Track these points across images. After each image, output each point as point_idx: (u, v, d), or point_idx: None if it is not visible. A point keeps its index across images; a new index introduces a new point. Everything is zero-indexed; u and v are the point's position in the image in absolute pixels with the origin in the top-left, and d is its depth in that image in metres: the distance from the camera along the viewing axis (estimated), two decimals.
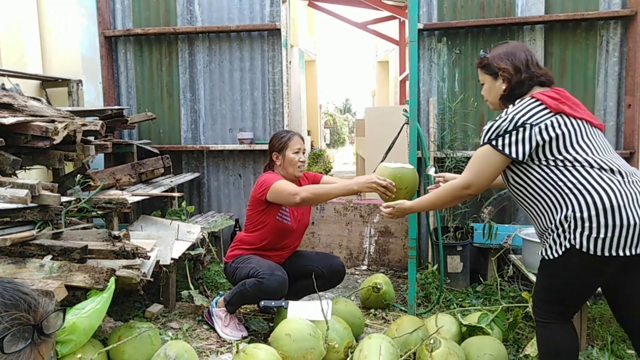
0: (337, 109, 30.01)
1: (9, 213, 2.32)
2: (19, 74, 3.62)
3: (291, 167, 2.90)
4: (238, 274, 2.82)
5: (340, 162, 16.33)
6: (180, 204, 3.87)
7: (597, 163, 1.76)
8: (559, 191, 1.78)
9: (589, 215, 1.71)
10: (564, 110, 1.81)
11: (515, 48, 1.98)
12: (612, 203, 1.69)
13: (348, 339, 2.50)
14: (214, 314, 2.90)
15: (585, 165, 1.76)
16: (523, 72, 1.92)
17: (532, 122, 1.80)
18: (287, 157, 2.89)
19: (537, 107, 1.83)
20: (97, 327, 2.19)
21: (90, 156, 3.03)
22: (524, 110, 1.84)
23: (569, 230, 1.75)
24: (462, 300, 3.35)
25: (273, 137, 3.00)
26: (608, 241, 1.69)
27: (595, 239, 1.70)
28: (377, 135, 5.51)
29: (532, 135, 1.79)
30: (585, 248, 1.72)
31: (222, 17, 4.31)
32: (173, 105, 4.48)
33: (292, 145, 2.90)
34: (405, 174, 2.45)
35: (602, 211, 1.69)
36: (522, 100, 1.89)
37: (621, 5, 3.72)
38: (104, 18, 4.37)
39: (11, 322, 0.92)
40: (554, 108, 1.81)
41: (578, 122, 1.82)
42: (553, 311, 1.89)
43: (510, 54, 1.95)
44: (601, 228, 1.69)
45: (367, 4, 8.83)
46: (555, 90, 1.90)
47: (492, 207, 3.80)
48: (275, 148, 2.93)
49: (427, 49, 4.02)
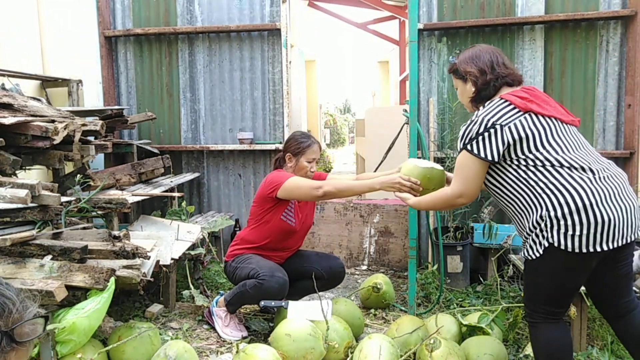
0: (337, 109, 30.00)
1: (9, 213, 2.32)
2: (19, 74, 3.61)
3: (300, 173, 2.88)
4: (238, 274, 2.81)
5: (340, 162, 16.33)
6: (180, 204, 3.87)
7: (567, 162, 1.78)
8: (532, 191, 1.81)
9: (562, 213, 1.73)
10: (532, 109, 1.82)
11: (481, 51, 2.02)
12: (584, 202, 1.72)
13: (348, 339, 2.50)
14: (214, 313, 2.90)
15: (555, 164, 1.78)
16: (488, 73, 1.95)
17: (502, 122, 1.82)
18: (299, 164, 2.87)
19: (505, 107, 1.85)
20: (97, 327, 2.19)
21: (90, 156, 3.03)
22: (492, 112, 1.86)
23: (546, 229, 1.77)
24: (462, 300, 3.35)
25: (292, 139, 2.93)
26: (584, 238, 1.72)
27: (572, 236, 1.73)
28: (377, 135, 5.51)
29: (503, 136, 1.81)
30: (563, 245, 1.74)
31: (222, 17, 4.31)
32: (173, 105, 4.48)
33: (309, 154, 2.87)
34: (435, 175, 2.32)
35: (574, 210, 1.72)
36: (492, 101, 1.92)
37: (621, 5, 3.72)
38: (104, 18, 4.37)
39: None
40: (522, 107, 1.83)
41: (547, 120, 1.83)
42: (542, 311, 1.91)
43: (475, 57, 2.00)
44: (576, 226, 1.72)
45: (367, 4, 8.83)
46: (524, 89, 1.92)
47: (492, 207, 3.80)
48: (292, 150, 2.89)
49: (427, 49, 4.02)
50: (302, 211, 2.99)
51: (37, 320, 0.96)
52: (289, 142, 2.94)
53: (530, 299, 1.94)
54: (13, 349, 0.92)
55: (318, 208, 4.47)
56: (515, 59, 3.89)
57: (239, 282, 2.81)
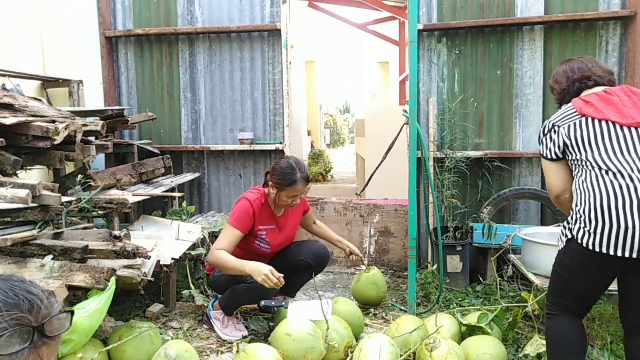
0: (337, 109, 30.01)
1: (9, 213, 2.33)
2: (20, 74, 3.62)
3: (281, 204, 2.82)
4: (223, 281, 2.82)
5: (340, 162, 16.33)
6: (180, 204, 3.88)
7: (605, 164, 1.84)
8: (575, 187, 1.95)
9: (583, 210, 1.84)
10: (587, 113, 1.93)
11: (560, 66, 2.20)
12: (603, 204, 1.78)
13: (348, 339, 2.50)
14: (211, 316, 2.91)
15: (595, 166, 1.86)
16: (563, 82, 2.14)
17: (559, 123, 1.99)
18: (280, 197, 2.77)
19: (568, 110, 2.00)
20: (98, 326, 2.20)
21: (90, 156, 3.04)
22: (556, 115, 2.04)
23: (572, 223, 1.91)
24: (462, 300, 3.36)
25: (279, 170, 2.75)
26: (598, 238, 1.80)
27: (588, 233, 1.82)
28: (377, 136, 5.52)
29: (559, 136, 1.98)
30: (580, 240, 1.85)
31: (222, 17, 4.32)
32: (173, 106, 4.49)
33: (291, 192, 2.73)
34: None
35: (593, 210, 1.81)
36: (565, 105, 2.07)
37: (620, 6, 3.72)
38: (104, 18, 4.38)
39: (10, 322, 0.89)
40: (579, 111, 1.96)
41: (600, 124, 1.90)
42: (559, 304, 2.00)
43: (555, 73, 2.21)
44: (592, 223, 1.81)
45: (367, 4, 8.84)
46: (603, 92, 1.97)
47: (491, 207, 3.81)
48: (275, 182, 2.75)
49: (427, 50, 4.02)
50: (281, 236, 2.96)
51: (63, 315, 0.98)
52: (273, 171, 2.79)
53: (551, 291, 2.06)
54: (44, 344, 0.94)
55: (318, 208, 4.48)
56: (515, 59, 3.90)
57: (226, 288, 2.83)
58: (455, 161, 3.81)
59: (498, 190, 3.92)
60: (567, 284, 1.96)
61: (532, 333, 2.74)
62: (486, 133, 4.00)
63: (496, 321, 2.66)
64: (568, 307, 1.99)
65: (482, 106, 3.98)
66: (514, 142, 3.96)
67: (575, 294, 1.98)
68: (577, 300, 1.99)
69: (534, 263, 2.77)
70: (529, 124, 3.92)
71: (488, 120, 3.99)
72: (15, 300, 0.91)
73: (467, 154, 3.90)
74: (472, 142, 4.00)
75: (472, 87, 3.98)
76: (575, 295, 1.98)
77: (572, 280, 1.94)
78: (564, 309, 1.99)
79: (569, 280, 1.95)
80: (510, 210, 4.02)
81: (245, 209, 2.76)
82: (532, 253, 2.78)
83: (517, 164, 3.98)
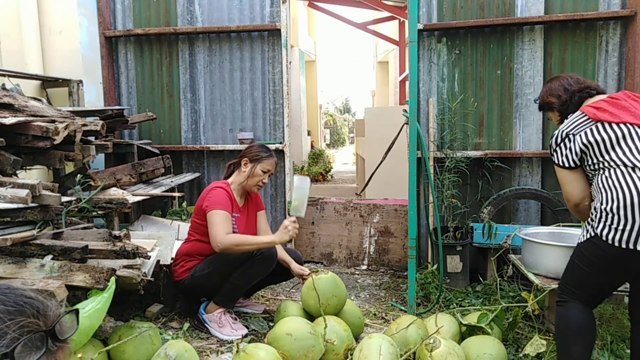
0: (337, 109, 30.00)
1: (9, 213, 2.33)
2: (20, 74, 3.62)
3: (253, 180, 2.92)
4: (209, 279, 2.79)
5: (340, 162, 16.33)
6: (180, 204, 3.88)
7: (631, 162, 1.90)
8: (597, 189, 1.99)
9: (610, 207, 1.88)
10: (602, 118, 1.98)
11: (552, 81, 2.30)
12: (633, 200, 1.83)
13: (348, 342, 2.49)
14: (205, 320, 2.89)
15: (619, 164, 1.91)
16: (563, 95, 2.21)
17: (574, 132, 2.04)
18: (255, 170, 2.90)
19: (580, 118, 2.06)
20: (98, 326, 2.19)
21: (90, 156, 3.03)
22: (568, 124, 2.10)
23: (596, 220, 1.95)
24: (462, 300, 3.35)
25: (253, 146, 2.98)
26: (620, 233, 1.85)
27: (615, 229, 1.87)
28: (377, 135, 5.52)
29: (576, 144, 2.02)
30: (604, 237, 1.90)
31: (222, 17, 4.31)
32: (173, 106, 4.49)
33: (266, 164, 2.92)
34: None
35: (621, 206, 1.85)
36: (571, 115, 2.13)
37: (621, 6, 3.72)
38: (104, 18, 4.37)
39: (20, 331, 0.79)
40: (593, 117, 2.01)
41: (619, 127, 1.96)
42: (571, 292, 2.06)
43: (549, 88, 2.29)
44: (621, 220, 1.85)
45: (367, 4, 8.84)
46: (608, 98, 2.06)
47: (491, 207, 3.80)
48: (250, 156, 2.93)
49: (427, 49, 4.02)
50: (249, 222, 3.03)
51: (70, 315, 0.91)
52: (249, 149, 2.98)
53: (565, 276, 2.12)
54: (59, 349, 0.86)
55: (318, 208, 4.47)
56: (515, 59, 3.90)
57: (213, 285, 2.81)
58: (455, 161, 3.81)
59: (498, 190, 3.92)
60: (586, 277, 2.02)
61: (532, 333, 2.74)
62: (486, 133, 4.00)
63: (496, 321, 2.65)
64: (580, 296, 2.04)
65: (482, 106, 3.98)
66: (514, 142, 3.96)
67: (592, 287, 2.03)
68: (592, 292, 2.04)
69: (534, 263, 2.77)
70: (529, 124, 3.92)
71: (488, 120, 3.99)
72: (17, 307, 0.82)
73: (467, 154, 3.90)
74: (472, 142, 4.00)
75: (472, 87, 3.98)
76: (592, 287, 2.03)
77: (591, 274, 2.00)
78: (575, 296, 2.05)
79: (588, 274, 2.01)
80: (510, 210, 4.02)
81: (222, 194, 2.84)
82: (533, 253, 2.78)
83: (517, 164, 3.98)
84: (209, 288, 2.86)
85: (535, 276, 2.72)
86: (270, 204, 4.40)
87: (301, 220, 4.49)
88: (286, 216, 4.35)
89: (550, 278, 2.68)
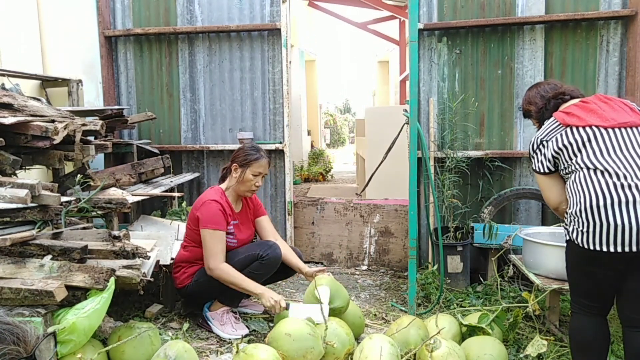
0: (337, 109, 29.99)
1: (9, 213, 2.32)
2: (19, 74, 3.61)
3: (244, 186, 2.87)
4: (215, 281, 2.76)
5: (340, 162, 16.32)
6: (180, 204, 3.87)
7: (594, 164, 1.93)
8: (568, 192, 2.03)
9: (577, 211, 1.93)
10: (570, 123, 2.03)
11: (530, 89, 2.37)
12: (592, 203, 1.87)
13: (349, 346, 2.48)
14: (208, 318, 2.89)
15: (583, 167, 1.95)
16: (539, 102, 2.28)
17: (547, 138, 2.11)
18: (245, 175, 2.84)
19: (552, 124, 2.11)
20: (97, 327, 2.19)
21: (90, 156, 3.02)
22: (542, 131, 2.16)
23: (568, 224, 2.00)
24: (462, 300, 3.35)
25: (241, 149, 2.92)
26: (591, 236, 1.87)
27: (582, 233, 1.90)
28: (377, 135, 5.51)
29: (548, 150, 2.09)
30: (576, 240, 1.94)
31: (222, 17, 4.31)
32: (173, 105, 4.48)
33: (255, 167, 2.84)
34: None
35: (586, 209, 1.88)
36: (547, 121, 2.18)
37: (621, 5, 3.71)
38: (104, 18, 4.37)
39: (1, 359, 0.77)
40: (563, 123, 2.06)
41: (585, 130, 1.99)
42: (578, 302, 2.09)
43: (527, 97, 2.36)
44: (584, 223, 1.89)
45: (367, 4, 8.84)
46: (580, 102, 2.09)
47: (492, 207, 3.80)
48: (238, 161, 2.87)
49: (427, 49, 4.01)
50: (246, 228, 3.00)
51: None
52: (237, 153, 2.91)
53: (569, 284, 2.16)
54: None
55: (318, 208, 4.47)
56: (515, 59, 3.89)
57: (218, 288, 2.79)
58: (455, 161, 3.81)
59: (499, 190, 3.92)
60: (578, 281, 2.06)
61: (533, 334, 2.73)
62: (487, 133, 3.99)
63: (497, 322, 2.65)
64: (586, 304, 2.05)
65: (483, 106, 3.97)
66: (514, 142, 3.96)
67: (585, 290, 2.05)
68: (589, 296, 2.04)
69: (534, 263, 2.77)
70: (530, 124, 3.90)
71: (489, 120, 3.98)
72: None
73: (468, 153, 3.89)
74: (473, 141, 3.99)
75: (472, 87, 3.97)
76: (585, 291, 2.04)
77: (579, 277, 2.05)
78: (583, 307, 2.07)
79: (577, 278, 2.06)
80: (511, 210, 4.02)
81: (215, 209, 2.79)
82: (533, 253, 2.78)
83: (517, 164, 3.97)
84: (213, 292, 2.86)
85: (536, 276, 2.71)
86: (270, 204, 4.40)
87: (301, 221, 4.50)
88: (286, 216, 4.35)
89: (551, 278, 2.68)
